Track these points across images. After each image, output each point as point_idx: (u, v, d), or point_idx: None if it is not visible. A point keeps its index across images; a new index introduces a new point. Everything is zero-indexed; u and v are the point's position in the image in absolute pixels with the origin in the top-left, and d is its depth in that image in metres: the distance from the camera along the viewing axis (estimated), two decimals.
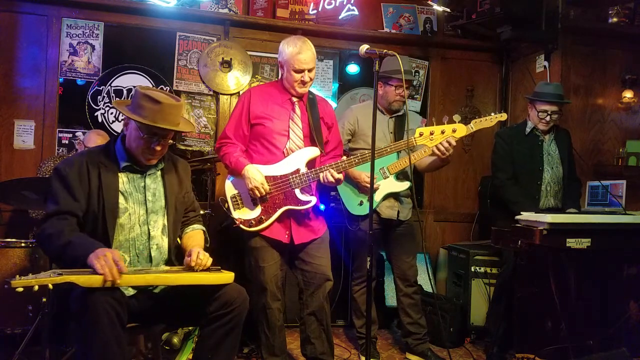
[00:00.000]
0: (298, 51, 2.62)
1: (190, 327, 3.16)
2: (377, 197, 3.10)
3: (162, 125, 2.07)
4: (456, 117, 2.82)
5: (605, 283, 3.02)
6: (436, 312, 3.57)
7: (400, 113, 3.22)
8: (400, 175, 3.17)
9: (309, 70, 2.66)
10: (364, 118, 3.18)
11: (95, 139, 3.44)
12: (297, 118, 2.72)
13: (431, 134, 2.67)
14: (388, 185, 3.11)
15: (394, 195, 3.16)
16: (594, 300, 3.01)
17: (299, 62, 2.62)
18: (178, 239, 2.34)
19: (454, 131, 2.69)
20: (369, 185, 3.00)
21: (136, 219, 2.16)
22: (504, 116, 2.90)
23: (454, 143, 2.74)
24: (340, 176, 2.62)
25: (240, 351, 3.16)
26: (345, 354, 3.35)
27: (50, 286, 1.75)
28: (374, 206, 3.10)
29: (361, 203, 3.12)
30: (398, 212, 3.19)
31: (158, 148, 2.12)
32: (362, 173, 3.03)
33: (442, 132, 2.68)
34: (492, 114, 2.90)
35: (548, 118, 3.25)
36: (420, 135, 2.67)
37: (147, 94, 2.09)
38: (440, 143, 2.72)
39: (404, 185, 3.14)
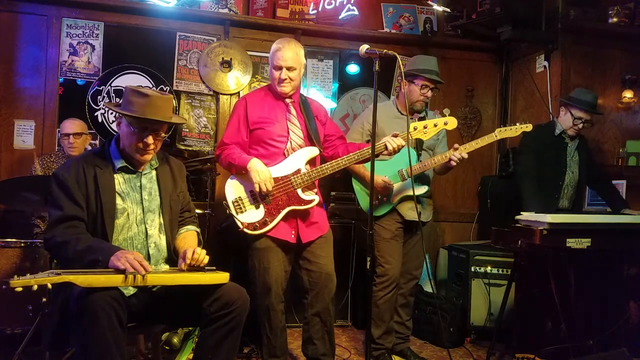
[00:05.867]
0: (278, 48, 2.67)
1: (190, 327, 3.16)
2: (394, 199, 3.07)
3: (151, 117, 2.09)
4: (446, 111, 2.85)
5: (605, 283, 3.02)
6: (436, 312, 3.58)
7: (421, 115, 3.17)
8: (419, 179, 3.14)
9: (288, 69, 2.66)
10: (383, 118, 3.10)
11: (68, 125, 3.49)
12: (294, 119, 2.74)
13: (425, 127, 2.69)
14: (405, 187, 3.06)
15: (412, 198, 3.07)
16: (594, 300, 3.01)
17: (277, 58, 2.65)
18: None
19: (445, 124, 2.73)
20: (383, 189, 3.02)
21: (134, 219, 2.17)
22: (529, 127, 2.96)
23: (466, 156, 2.92)
24: (403, 142, 2.63)
25: (241, 351, 3.16)
26: (345, 354, 3.35)
27: (49, 286, 1.75)
28: (389, 208, 3.10)
29: (377, 203, 3.09)
30: (420, 213, 3.14)
31: (150, 141, 2.12)
32: (378, 177, 2.99)
33: (435, 125, 2.71)
34: (518, 124, 2.97)
35: (581, 125, 3.30)
36: (415, 129, 2.68)
37: (135, 90, 2.13)
38: (454, 155, 2.90)
39: (422, 189, 3.11)
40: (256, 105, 2.73)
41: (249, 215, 2.64)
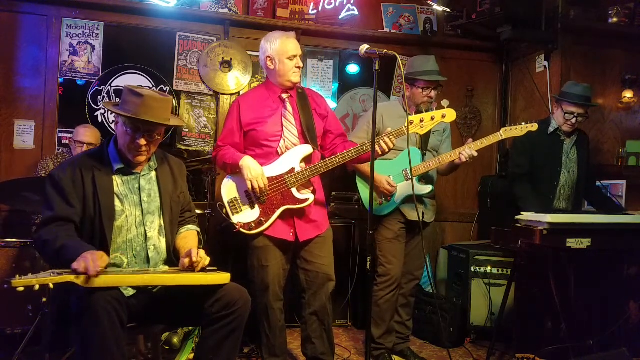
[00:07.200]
0: (287, 38, 2.68)
1: (190, 327, 3.16)
2: (397, 198, 3.07)
3: (144, 118, 2.06)
4: (444, 102, 2.81)
5: (605, 283, 3.02)
6: (436, 312, 3.58)
7: (419, 109, 3.14)
8: (423, 179, 3.15)
9: (299, 57, 2.70)
10: (389, 117, 3.12)
11: (83, 132, 3.49)
12: (289, 115, 2.72)
13: (421, 121, 2.63)
14: (409, 187, 3.03)
15: (416, 198, 3.01)
16: (594, 300, 3.01)
17: (291, 48, 2.67)
18: None
19: (443, 116, 2.66)
20: (387, 192, 3.03)
21: (132, 221, 2.16)
22: (535, 126, 2.94)
23: (475, 154, 2.91)
24: (391, 144, 2.60)
25: (241, 351, 3.16)
26: (345, 354, 3.36)
27: (51, 285, 1.75)
28: (393, 208, 3.10)
29: (381, 203, 3.08)
30: (423, 214, 3.15)
31: (142, 142, 2.09)
32: (382, 178, 3.00)
33: (432, 119, 2.64)
34: (523, 123, 2.96)
35: (574, 120, 3.22)
36: (411, 123, 2.62)
37: (131, 89, 2.10)
38: (465, 152, 2.89)
39: (426, 188, 3.12)
40: (249, 107, 2.73)
41: (245, 216, 2.64)
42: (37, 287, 1.71)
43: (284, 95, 2.74)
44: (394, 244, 3.12)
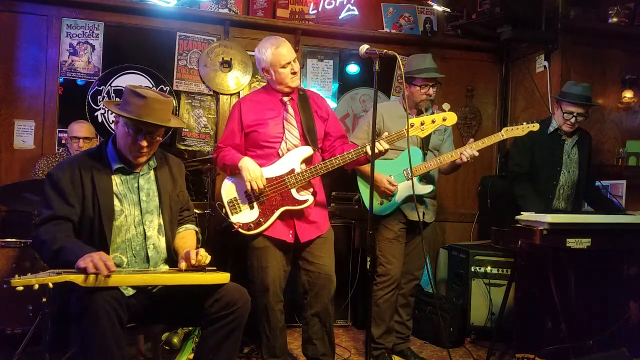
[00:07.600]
0: (277, 46, 2.66)
1: (190, 327, 3.16)
2: (399, 198, 3.07)
3: (147, 120, 2.06)
4: (445, 106, 2.78)
5: (605, 283, 3.02)
6: (436, 312, 3.58)
7: (428, 113, 3.14)
8: (424, 179, 3.15)
9: (294, 61, 2.69)
10: (389, 117, 3.12)
11: (77, 127, 3.51)
12: (291, 118, 2.73)
13: (422, 124, 2.61)
14: (410, 187, 3.02)
15: (417, 198, 3.00)
16: (594, 300, 3.01)
17: (284, 55, 2.65)
18: None
19: (444, 119, 2.64)
20: (388, 191, 3.03)
21: (131, 220, 2.16)
22: (536, 126, 2.93)
23: (477, 154, 2.90)
24: (387, 146, 2.59)
25: (241, 351, 3.16)
26: (345, 354, 3.36)
27: (51, 285, 1.75)
28: (394, 208, 3.10)
29: (381, 202, 3.08)
30: (424, 214, 3.15)
31: (144, 144, 2.10)
32: (383, 177, 3.01)
33: (433, 122, 2.63)
34: (525, 123, 2.95)
35: (573, 120, 3.21)
36: (412, 126, 2.61)
37: (133, 90, 2.09)
38: (466, 152, 2.88)
39: (427, 188, 3.11)
40: (251, 109, 2.73)
41: (244, 216, 2.65)
42: (36, 286, 1.70)
43: (285, 99, 2.75)
44: (394, 244, 3.12)
